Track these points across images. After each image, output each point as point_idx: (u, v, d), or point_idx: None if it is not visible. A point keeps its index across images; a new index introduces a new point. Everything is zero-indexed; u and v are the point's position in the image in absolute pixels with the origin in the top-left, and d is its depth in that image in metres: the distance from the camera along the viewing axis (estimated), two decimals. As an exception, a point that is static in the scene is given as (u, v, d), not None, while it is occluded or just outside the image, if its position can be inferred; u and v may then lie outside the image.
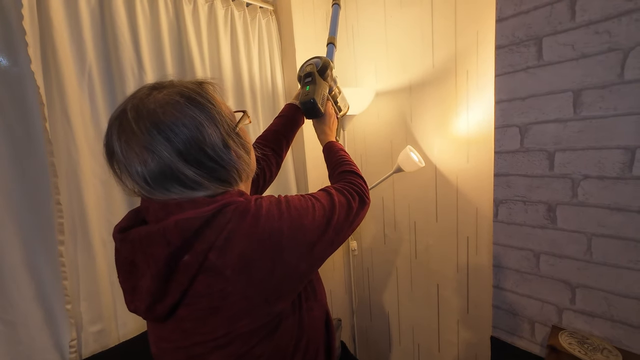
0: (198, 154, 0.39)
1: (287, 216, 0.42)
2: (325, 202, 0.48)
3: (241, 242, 0.38)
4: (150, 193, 0.40)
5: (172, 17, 1.12)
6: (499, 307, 0.94)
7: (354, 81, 1.49)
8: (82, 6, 0.92)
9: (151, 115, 0.38)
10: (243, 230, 0.39)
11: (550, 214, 0.80)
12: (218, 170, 0.42)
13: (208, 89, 0.44)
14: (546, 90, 0.76)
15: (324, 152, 0.74)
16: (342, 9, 1.46)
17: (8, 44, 0.81)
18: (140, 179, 0.39)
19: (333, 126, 0.78)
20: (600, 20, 0.67)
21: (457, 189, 1.20)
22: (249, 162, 0.47)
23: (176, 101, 0.40)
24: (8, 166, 0.82)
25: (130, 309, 0.43)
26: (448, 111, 1.17)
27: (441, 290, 1.33)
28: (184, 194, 0.40)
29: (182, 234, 0.37)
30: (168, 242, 0.37)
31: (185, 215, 0.38)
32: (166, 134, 0.38)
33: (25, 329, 0.85)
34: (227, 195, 0.42)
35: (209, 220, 0.38)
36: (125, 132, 0.38)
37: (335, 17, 0.86)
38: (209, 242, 0.38)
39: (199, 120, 0.40)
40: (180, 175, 0.39)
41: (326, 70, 0.72)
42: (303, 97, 0.70)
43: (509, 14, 0.79)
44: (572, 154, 0.74)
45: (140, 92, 0.41)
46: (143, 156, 0.38)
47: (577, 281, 0.78)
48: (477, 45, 1.06)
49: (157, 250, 0.38)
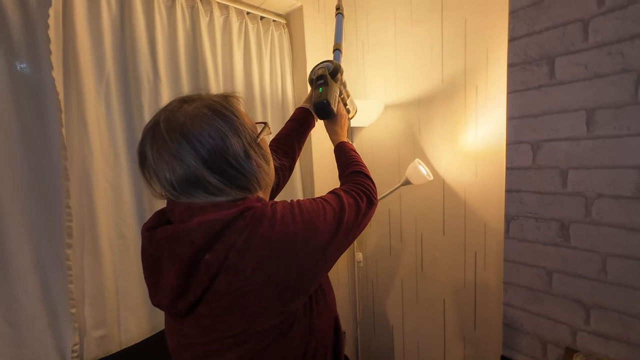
0: (221, 162, 0.42)
1: (300, 220, 0.44)
2: (335, 204, 0.50)
3: (259, 244, 0.41)
4: (176, 197, 0.43)
5: (189, 28, 1.15)
6: (509, 326, 0.92)
7: (364, 94, 1.51)
8: (105, 16, 0.95)
9: (181, 127, 0.42)
10: (260, 234, 0.41)
11: (563, 231, 0.79)
12: (239, 178, 0.44)
13: (233, 102, 0.48)
14: (559, 108, 0.76)
15: (335, 151, 0.76)
16: (354, 23, 1.49)
17: (33, 52, 0.83)
18: (168, 185, 0.42)
19: (344, 126, 0.80)
20: (613, 42, 0.68)
21: (465, 203, 1.19)
22: (268, 172, 0.50)
23: (204, 114, 0.43)
24: (22, 169, 0.84)
25: (154, 304, 0.46)
26: (457, 126, 1.18)
27: (447, 305, 1.30)
28: (207, 199, 0.43)
29: (205, 234, 0.40)
30: (192, 241, 0.40)
31: (208, 217, 0.40)
32: (193, 144, 0.41)
33: (29, 332, 0.85)
34: (246, 201, 0.44)
35: (230, 223, 0.41)
36: (157, 141, 0.42)
37: (340, 25, 0.92)
38: (230, 243, 0.40)
39: (223, 132, 0.43)
40: (205, 182, 0.42)
41: (337, 73, 0.75)
42: (316, 98, 0.72)
43: (521, 33, 0.81)
44: (586, 172, 0.74)
45: (172, 105, 0.45)
46: (172, 164, 0.41)
47: (592, 301, 0.76)
48: (486, 62, 1.07)
49: (181, 249, 0.40)
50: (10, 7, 0.80)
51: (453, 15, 1.14)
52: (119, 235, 1.00)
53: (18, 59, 0.83)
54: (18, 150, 0.83)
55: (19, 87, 0.83)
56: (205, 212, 0.42)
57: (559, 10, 0.74)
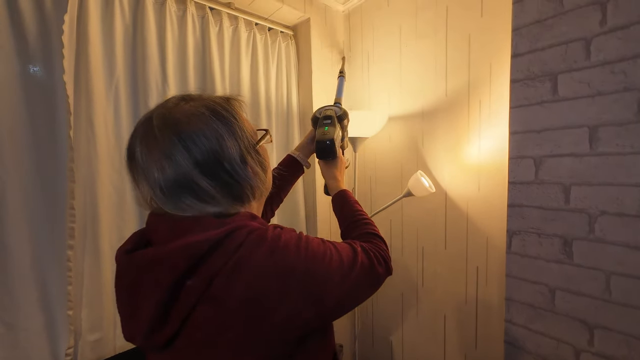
0: (215, 165, 0.39)
1: (304, 256, 0.40)
2: (346, 256, 0.45)
3: (250, 271, 0.37)
4: (163, 203, 0.39)
5: (199, 37, 1.18)
6: (511, 344, 0.90)
7: (367, 104, 1.52)
8: (118, 23, 0.98)
9: (175, 125, 0.39)
10: (256, 259, 0.37)
11: (566, 248, 0.78)
12: (232, 185, 0.41)
13: (234, 104, 0.45)
14: (561, 124, 0.77)
15: (335, 201, 0.68)
16: (360, 35, 1.53)
17: (46, 56, 0.86)
18: (156, 186, 0.38)
19: (343, 173, 0.75)
20: (615, 61, 0.68)
21: (468, 216, 1.18)
22: (264, 180, 0.46)
23: (201, 113, 0.40)
24: (29, 168, 0.85)
25: (126, 337, 0.41)
26: (460, 139, 1.18)
27: (448, 321, 1.28)
28: (196, 206, 0.39)
29: (189, 258, 0.36)
30: (173, 266, 0.36)
31: (192, 239, 0.37)
32: (186, 143, 0.38)
33: (24, 333, 0.84)
34: (237, 218, 0.40)
35: (217, 244, 0.37)
36: (147, 138, 0.39)
37: (341, 85, 0.91)
38: (215, 268, 0.36)
39: (219, 133, 0.40)
40: (194, 185, 0.38)
41: (344, 119, 0.75)
42: (320, 135, 0.69)
43: (524, 50, 0.82)
44: (589, 189, 0.74)
45: (169, 102, 0.42)
46: (161, 163, 0.38)
47: (596, 321, 0.74)
48: (490, 77, 1.09)
49: (161, 275, 0.37)
50: (28, 11, 0.83)
51: (457, 31, 1.16)
52: (121, 238, 1.00)
53: (32, 62, 0.85)
54: (27, 149, 0.84)
55: (31, 89, 0.85)
56: (191, 232, 0.38)
57: (561, 28, 0.75)
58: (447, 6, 1.19)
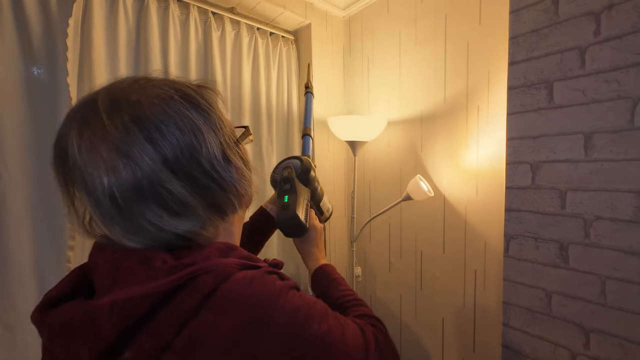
0: (190, 165, 0.29)
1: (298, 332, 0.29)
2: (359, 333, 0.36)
3: (215, 348, 0.26)
4: (110, 222, 0.28)
5: (201, 41, 1.19)
6: (509, 348, 0.90)
7: (367, 109, 1.54)
8: (121, 27, 0.99)
9: (133, 108, 0.28)
10: (225, 332, 0.26)
11: (562, 252, 0.79)
12: (213, 191, 0.31)
13: (209, 94, 0.35)
14: (557, 131, 0.78)
15: (314, 280, 0.55)
16: (360, 40, 1.55)
17: (50, 58, 0.87)
18: (104, 196, 0.27)
19: (320, 243, 0.60)
20: (609, 70, 0.70)
21: (466, 221, 1.20)
22: (251, 183, 0.37)
23: (170, 96, 0.30)
24: (32, 169, 0.86)
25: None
26: (458, 144, 1.20)
27: (446, 325, 1.28)
28: (163, 223, 0.28)
29: (121, 324, 0.25)
30: (96, 335, 0.25)
31: (127, 293, 0.26)
32: (150, 134, 0.28)
33: (22, 334, 0.84)
34: (199, 254, 0.29)
35: (167, 299, 0.26)
36: (90, 126, 0.27)
37: (309, 105, 0.77)
38: (166, 338, 0.25)
39: (196, 124, 0.30)
40: (162, 191, 0.28)
41: (308, 173, 0.59)
42: (281, 212, 0.54)
43: (521, 58, 0.84)
44: (584, 194, 0.75)
45: (123, 82, 0.31)
46: (113, 161, 0.27)
47: (591, 325, 0.75)
48: (488, 83, 1.11)
49: (78, 348, 0.26)
50: (33, 14, 0.84)
51: (456, 38, 1.19)
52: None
53: (36, 64, 0.86)
54: (29, 150, 0.85)
55: (34, 90, 0.86)
56: (129, 280, 0.27)
57: (556, 38, 0.77)
58: (446, 14, 1.21)
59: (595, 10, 0.72)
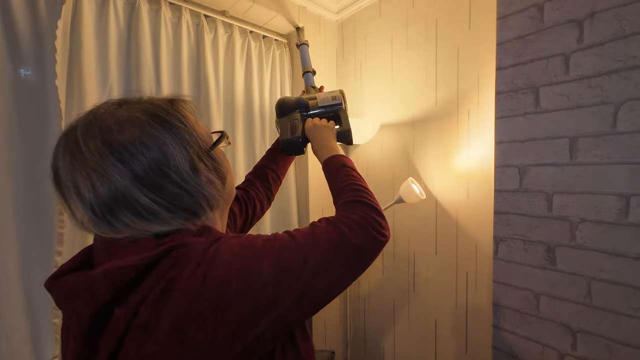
0: (159, 178, 0.34)
1: (239, 261, 0.34)
2: (301, 240, 0.39)
3: (179, 295, 0.32)
4: (96, 225, 0.34)
5: (193, 44, 1.19)
6: (498, 349, 0.91)
7: (360, 112, 1.55)
8: (112, 29, 0.98)
9: (103, 133, 0.33)
10: (184, 281, 0.32)
11: (549, 254, 0.80)
12: (182, 197, 0.36)
13: (179, 106, 0.40)
14: (543, 135, 0.80)
15: (324, 172, 0.61)
16: (352, 44, 1.56)
17: (38, 60, 0.86)
18: (88, 209, 0.33)
19: (325, 139, 0.65)
20: (592, 76, 0.72)
21: (457, 223, 1.21)
22: (221, 189, 0.41)
23: (137, 118, 0.35)
24: (19, 173, 0.84)
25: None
26: (449, 147, 1.21)
27: (439, 327, 1.29)
28: (137, 226, 0.34)
29: (112, 287, 0.32)
30: (93, 296, 0.32)
31: (117, 264, 0.33)
32: (120, 155, 0.33)
33: (7, 343, 0.82)
34: (178, 236, 0.36)
35: (149, 268, 0.33)
36: (70, 151, 0.33)
37: (305, 54, 0.94)
38: (142, 295, 0.32)
39: (162, 140, 0.35)
40: (134, 202, 0.33)
41: (280, 107, 0.73)
42: (280, 144, 0.73)
43: (508, 63, 0.85)
44: (570, 197, 0.77)
45: (101, 108, 0.36)
46: (90, 180, 0.32)
47: (578, 325, 0.77)
48: (477, 88, 1.12)
49: (79, 306, 0.33)
50: (21, 15, 0.83)
51: (447, 43, 1.20)
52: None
53: (24, 66, 0.85)
54: (16, 153, 0.84)
55: (22, 92, 0.84)
56: (122, 255, 0.34)
57: (542, 44, 0.79)
58: (436, 19, 1.23)
59: (578, 18, 0.74)
